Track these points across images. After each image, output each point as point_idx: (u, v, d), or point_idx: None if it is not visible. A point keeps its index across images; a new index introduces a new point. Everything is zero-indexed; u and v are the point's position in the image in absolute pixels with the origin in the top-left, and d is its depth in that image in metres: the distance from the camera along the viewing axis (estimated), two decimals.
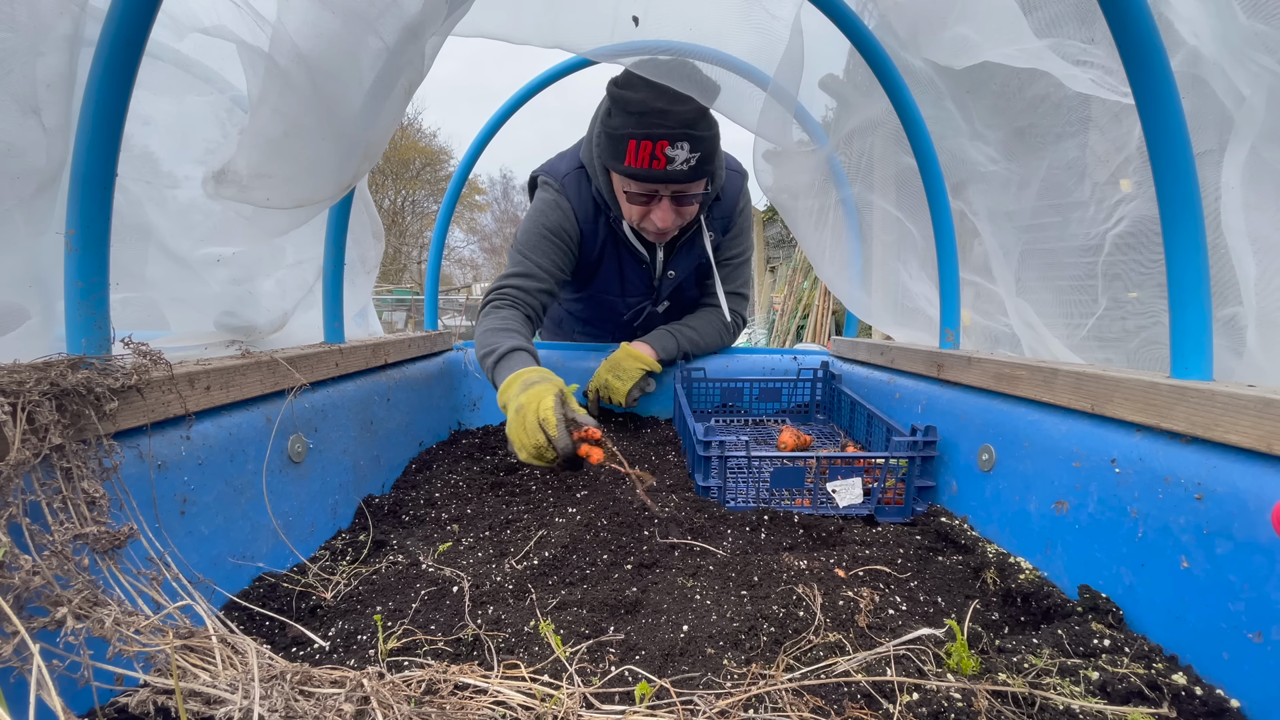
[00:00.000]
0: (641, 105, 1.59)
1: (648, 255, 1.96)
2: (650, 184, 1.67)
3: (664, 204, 1.72)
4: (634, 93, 1.60)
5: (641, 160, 1.62)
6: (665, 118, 1.58)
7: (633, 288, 2.06)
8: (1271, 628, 0.72)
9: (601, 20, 1.55)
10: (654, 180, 1.66)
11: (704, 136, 1.63)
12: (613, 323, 2.23)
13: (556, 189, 1.90)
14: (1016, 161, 1.59)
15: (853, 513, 1.33)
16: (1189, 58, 1.13)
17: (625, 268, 2.01)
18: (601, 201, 1.86)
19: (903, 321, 1.97)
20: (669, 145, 1.59)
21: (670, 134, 1.58)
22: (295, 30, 0.89)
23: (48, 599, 0.61)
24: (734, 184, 2.00)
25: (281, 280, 1.35)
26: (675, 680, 0.74)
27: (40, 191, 0.86)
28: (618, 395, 1.85)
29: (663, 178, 1.64)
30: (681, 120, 1.58)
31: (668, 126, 1.58)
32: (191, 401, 0.93)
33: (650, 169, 1.63)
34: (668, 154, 1.60)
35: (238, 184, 0.94)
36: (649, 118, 1.58)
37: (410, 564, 1.05)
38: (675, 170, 1.63)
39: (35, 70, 0.82)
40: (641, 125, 1.59)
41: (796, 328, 9.31)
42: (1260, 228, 1.07)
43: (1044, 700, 0.68)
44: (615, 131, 1.64)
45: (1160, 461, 0.89)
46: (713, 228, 1.97)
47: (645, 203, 1.74)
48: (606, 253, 1.97)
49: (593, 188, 1.87)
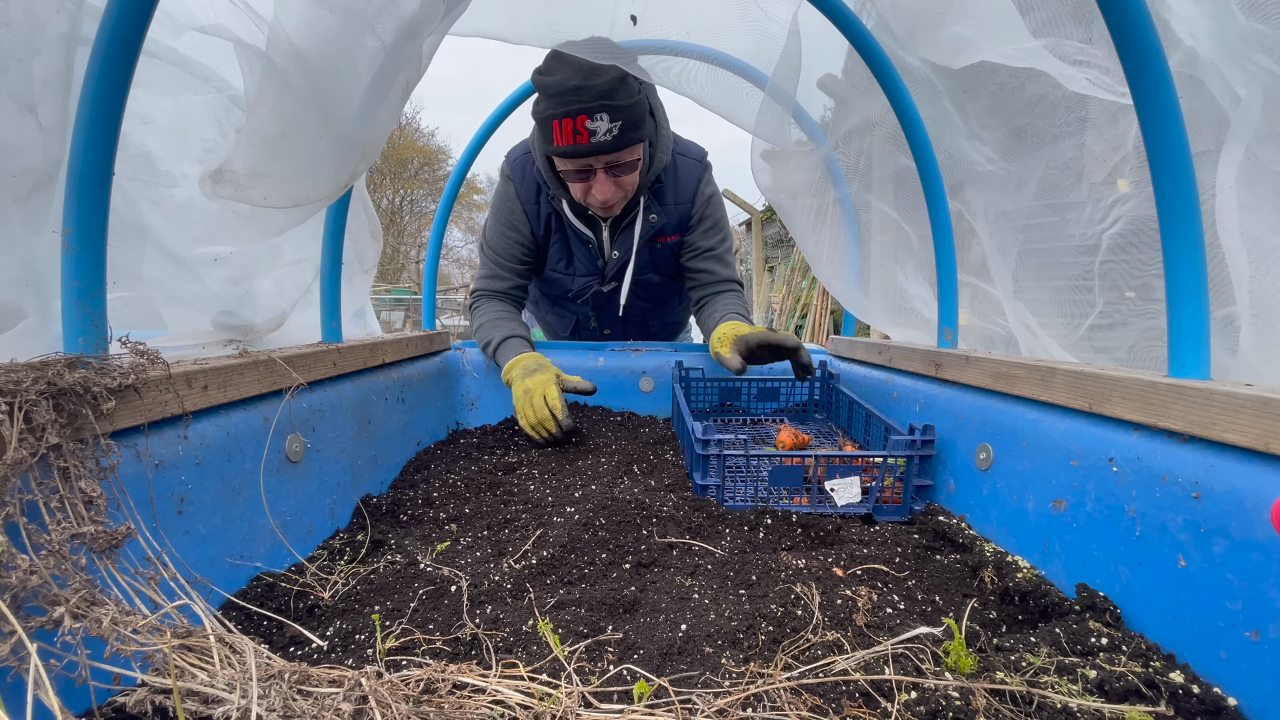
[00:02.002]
0: (559, 85, 1.63)
1: (591, 235, 2.03)
2: (579, 159, 1.73)
3: (600, 176, 1.78)
4: (551, 76, 1.65)
5: (565, 137, 1.67)
6: (580, 93, 1.62)
7: (581, 267, 2.13)
8: (1269, 626, 0.72)
9: (599, 20, 1.55)
10: (580, 155, 1.71)
11: (623, 105, 1.66)
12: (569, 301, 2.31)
13: (506, 173, 2.04)
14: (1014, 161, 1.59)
15: (851, 512, 1.34)
16: (1185, 58, 1.13)
17: (572, 247, 2.09)
18: (542, 182, 1.96)
19: (900, 321, 1.97)
20: (588, 119, 1.64)
21: (587, 107, 1.63)
22: (292, 29, 0.89)
23: (45, 598, 0.61)
24: (690, 170, 2.04)
25: (279, 280, 1.35)
26: (674, 679, 0.74)
27: (36, 190, 0.85)
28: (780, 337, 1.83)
29: (588, 151, 1.69)
30: (597, 93, 1.62)
31: (584, 100, 1.62)
32: (189, 401, 0.93)
33: (575, 144, 1.68)
34: (589, 127, 1.65)
35: (235, 183, 0.94)
36: (565, 95, 1.63)
37: (408, 563, 1.05)
38: (600, 142, 1.67)
39: (32, 68, 0.81)
40: (559, 104, 1.64)
41: (795, 327, 9.31)
42: (1254, 228, 1.07)
43: (1042, 699, 0.68)
44: (540, 115, 1.70)
45: (1158, 460, 0.89)
46: (658, 211, 2.02)
47: (585, 179, 1.80)
48: (553, 233, 2.07)
49: (534, 169, 1.97)
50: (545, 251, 2.13)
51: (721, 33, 1.67)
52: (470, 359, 2.14)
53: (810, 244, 2.13)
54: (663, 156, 1.93)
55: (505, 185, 2.04)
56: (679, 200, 2.03)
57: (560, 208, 1.98)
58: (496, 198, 2.08)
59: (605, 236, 2.04)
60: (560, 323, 2.54)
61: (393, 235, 27.58)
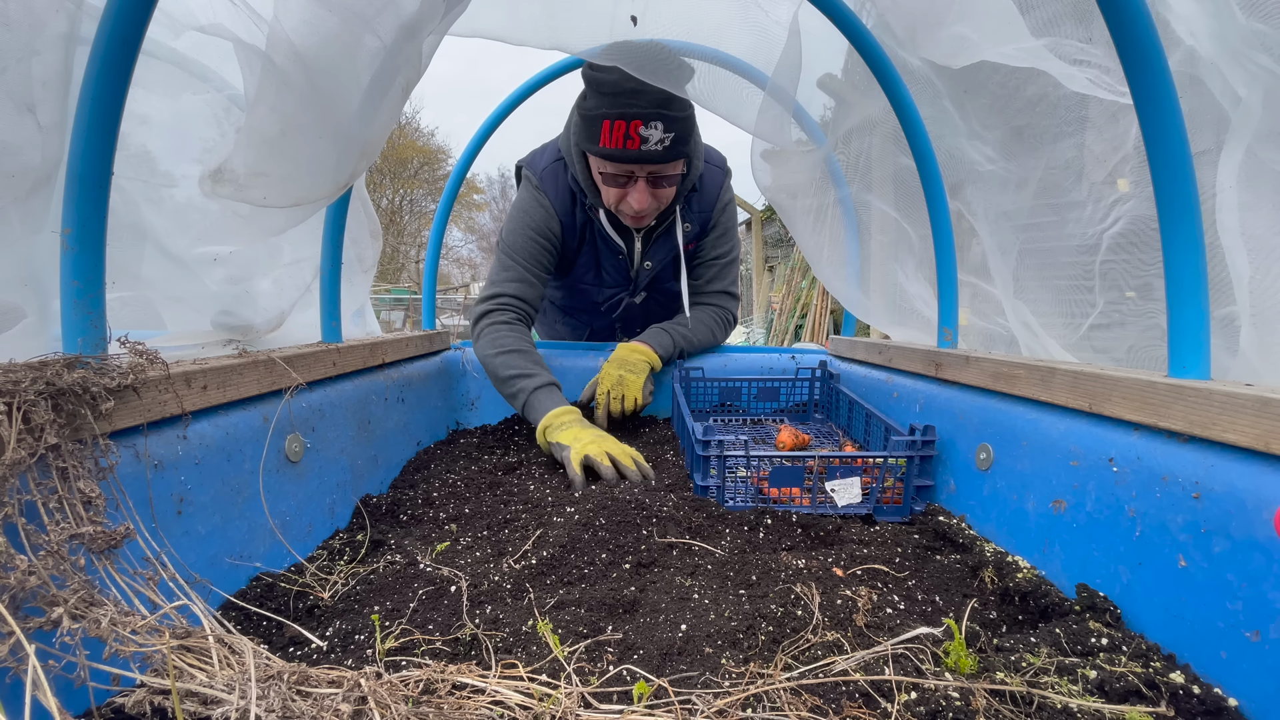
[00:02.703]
0: (615, 86, 1.58)
1: (624, 246, 1.97)
2: (625, 164, 1.68)
3: (640, 185, 1.72)
4: (607, 74, 1.59)
5: (615, 140, 1.62)
6: (638, 97, 1.58)
7: (610, 278, 2.07)
8: (1269, 626, 0.72)
9: (599, 20, 1.55)
10: (628, 160, 1.66)
11: (678, 117, 1.63)
12: (590, 312, 2.25)
13: (535, 184, 1.91)
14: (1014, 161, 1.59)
15: (851, 512, 1.33)
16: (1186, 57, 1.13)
17: (602, 258, 2.02)
18: (578, 189, 1.87)
19: (900, 321, 1.97)
20: (643, 125, 1.60)
21: (644, 113, 1.58)
22: (292, 29, 0.89)
23: (44, 599, 0.61)
24: (714, 178, 2.01)
25: (279, 279, 1.35)
26: (673, 680, 0.74)
27: (35, 190, 0.85)
28: (633, 389, 1.84)
29: (637, 158, 1.64)
30: (655, 100, 1.59)
31: (641, 106, 1.58)
32: (188, 401, 0.93)
33: (625, 149, 1.63)
34: (641, 133, 1.60)
35: (234, 183, 0.94)
36: (622, 98, 1.58)
37: (408, 564, 1.05)
38: (650, 150, 1.63)
39: (31, 68, 0.81)
40: (615, 105, 1.59)
41: (795, 327, 9.32)
42: (1255, 227, 1.07)
43: (1042, 699, 0.68)
44: (590, 113, 1.64)
45: (1158, 460, 0.89)
46: (689, 219, 1.98)
47: (622, 185, 1.74)
48: (585, 243, 1.99)
49: (569, 176, 1.87)
50: (573, 263, 2.05)
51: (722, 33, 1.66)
52: (470, 359, 2.14)
53: (810, 244, 2.14)
54: (699, 167, 1.91)
55: (535, 194, 1.92)
56: (702, 208, 2.00)
57: (597, 217, 1.91)
58: (524, 203, 1.94)
59: (638, 247, 1.99)
60: (573, 333, 2.50)
61: (392, 235, 27.58)
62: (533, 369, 1.73)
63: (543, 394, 1.68)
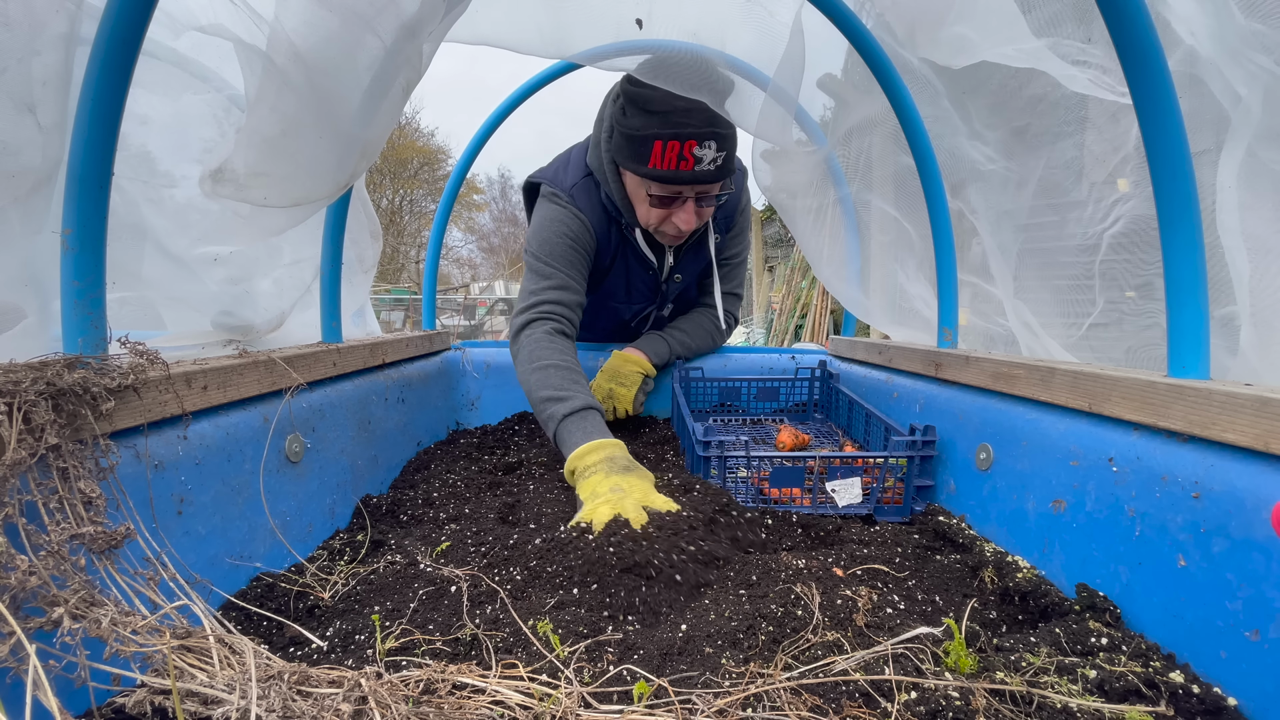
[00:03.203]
0: (665, 103, 1.51)
1: (655, 261, 1.91)
2: (676, 186, 1.60)
3: (688, 206, 1.65)
4: (653, 90, 1.50)
5: (669, 161, 1.54)
6: (691, 116, 1.51)
7: (638, 294, 2.01)
8: (1269, 626, 0.72)
9: (604, 23, 1.54)
10: (681, 182, 1.58)
11: (729, 134, 1.57)
12: (612, 325, 2.19)
13: (566, 201, 1.79)
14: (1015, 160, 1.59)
15: (851, 512, 1.33)
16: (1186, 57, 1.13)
17: (632, 274, 1.94)
18: (612, 208, 1.78)
19: (900, 321, 1.97)
20: (697, 145, 1.53)
21: (698, 133, 1.52)
22: (293, 29, 0.89)
23: (44, 599, 0.61)
24: (737, 181, 1.96)
25: (279, 280, 1.35)
26: (673, 680, 0.74)
27: (35, 190, 0.85)
28: (624, 403, 1.82)
29: (690, 179, 1.57)
30: (707, 118, 1.52)
31: (695, 125, 1.51)
32: (188, 401, 0.93)
33: (678, 170, 1.55)
34: (696, 154, 1.53)
35: (235, 183, 0.94)
36: (674, 116, 1.51)
37: (408, 564, 1.05)
38: (703, 170, 1.56)
39: (31, 68, 0.81)
40: (668, 125, 1.52)
41: (795, 327, 9.31)
42: (1255, 227, 1.07)
43: (1042, 699, 0.68)
44: (637, 132, 1.55)
45: (1157, 460, 0.89)
46: (717, 228, 1.94)
47: (667, 205, 1.66)
48: (616, 260, 1.90)
49: (602, 194, 1.78)
50: (602, 281, 1.95)
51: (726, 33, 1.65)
52: (470, 359, 2.14)
53: (811, 244, 2.13)
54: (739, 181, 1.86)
55: (568, 208, 1.78)
56: (725, 213, 1.96)
57: (632, 235, 1.83)
58: (555, 215, 1.79)
59: (669, 261, 1.94)
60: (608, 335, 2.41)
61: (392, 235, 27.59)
62: (566, 389, 1.51)
63: (571, 424, 1.44)
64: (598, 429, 1.41)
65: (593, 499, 1.19)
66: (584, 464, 1.31)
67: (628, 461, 1.30)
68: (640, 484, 1.21)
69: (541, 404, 1.51)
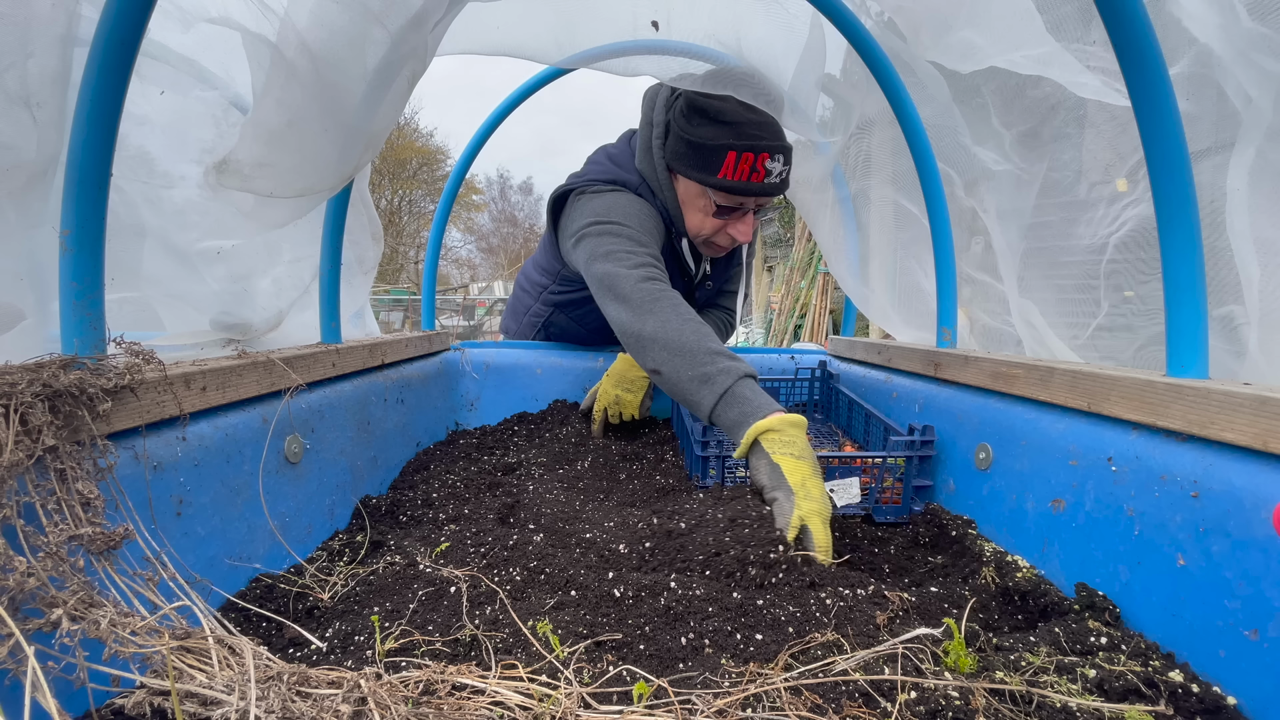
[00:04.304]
0: (737, 115, 1.53)
1: (694, 267, 1.90)
2: (744, 197, 1.61)
3: (747, 217, 1.67)
4: (724, 101, 1.54)
5: (741, 173, 1.55)
6: (764, 129, 1.54)
7: None
8: (1268, 625, 0.72)
9: (619, 27, 1.53)
10: (750, 194, 1.59)
11: (789, 147, 1.60)
12: None
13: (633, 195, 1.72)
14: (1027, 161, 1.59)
15: (850, 512, 1.34)
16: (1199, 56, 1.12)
17: (674, 281, 1.85)
18: (666, 216, 1.76)
19: (914, 324, 1.95)
20: (769, 158, 1.55)
21: (771, 146, 1.54)
22: (301, 21, 0.89)
23: (43, 600, 0.61)
24: None
25: (278, 279, 1.35)
26: (673, 680, 0.74)
27: (30, 185, 0.85)
28: (630, 409, 1.81)
29: (760, 190, 1.59)
30: (777, 132, 1.56)
31: (768, 138, 1.54)
32: (187, 402, 0.93)
33: (749, 182, 1.56)
34: (767, 166, 1.55)
35: (239, 174, 0.94)
36: (747, 129, 1.53)
37: (408, 564, 1.05)
38: (771, 183, 1.58)
39: (28, 64, 0.81)
40: (742, 136, 1.53)
41: (794, 327, 9.32)
42: (1265, 230, 1.07)
43: (1041, 698, 0.68)
44: (709, 142, 1.55)
45: (1156, 459, 0.89)
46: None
47: (726, 215, 1.66)
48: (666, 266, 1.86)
49: (657, 201, 1.74)
50: None
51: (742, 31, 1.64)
52: (469, 359, 2.14)
53: (828, 240, 2.13)
54: None
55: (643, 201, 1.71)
56: None
57: (680, 244, 1.81)
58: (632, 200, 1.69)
59: (706, 268, 1.95)
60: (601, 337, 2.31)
61: (391, 236, 27.58)
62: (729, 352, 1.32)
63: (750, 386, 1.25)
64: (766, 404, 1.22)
65: (805, 496, 1.06)
66: (790, 437, 1.14)
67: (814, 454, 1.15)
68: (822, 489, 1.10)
69: (708, 356, 1.29)
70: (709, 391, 1.26)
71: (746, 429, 1.16)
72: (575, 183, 1.80)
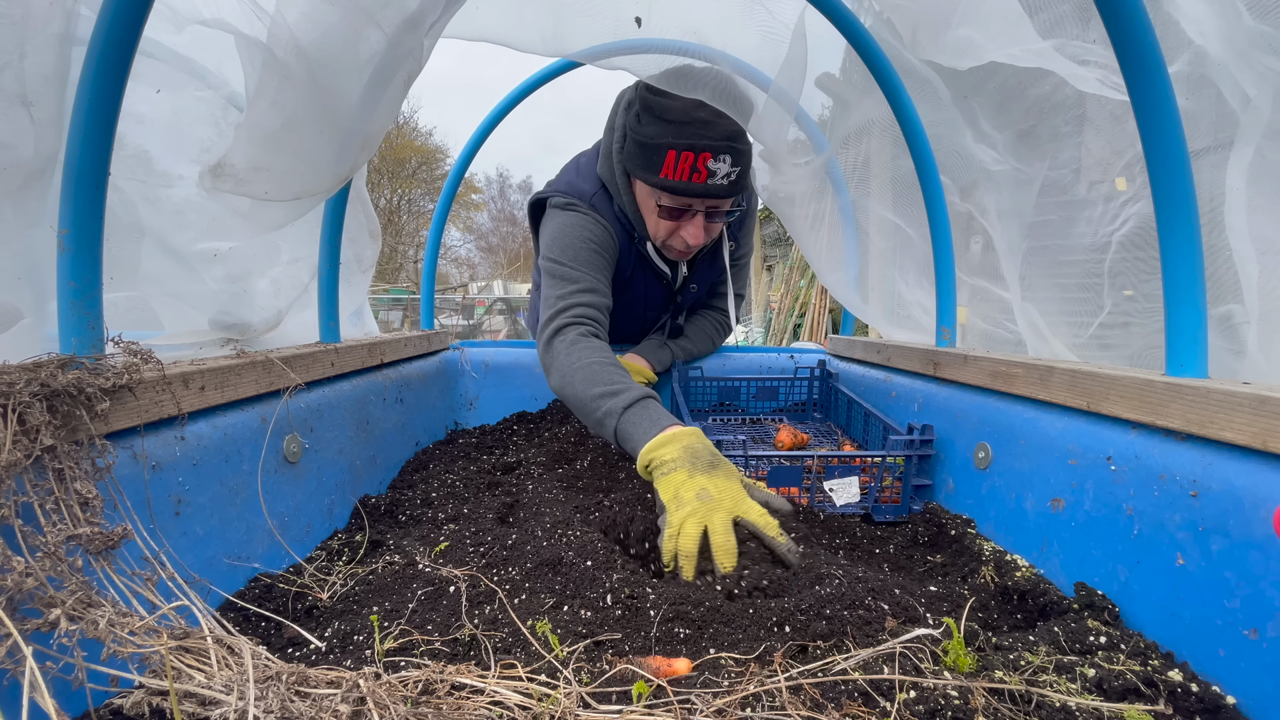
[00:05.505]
0: (683, 114, 1.48)
1: (669, 271, 1.87)
2: (686, 198, 1.56)
3: (697, 220, 1.61)
4: (673, 100, 1.48)
5: (681, 173, 1.50)
6: (709, 129, 1.48)
7: (655, 305, 1.98)
8: (1267, 624, 0.72)
9: (603, 21, 1.53)
10: (692, 194, 1.54)
11: (745, 150, 1.54)
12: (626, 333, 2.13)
13: (586, 209, 1.71)
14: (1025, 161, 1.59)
15: (849, 511, 1.34)
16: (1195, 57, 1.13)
17: (649, 287, 1.90)
18: (625, 221, 1.73)
19: (900, 326, 1.96)
20: (711, 158, 1.49)
21: (714, 146, 1.48)
22: (294, 23, 0.89)
23: (41, 600, 0.61)
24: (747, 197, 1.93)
25: (277, 279, 1.35)
26: (673, 679, 0.74)
27: (28, 184, 0.85)
28: None
29: (702, 192, 1.53)
30: (726, 132, 1.48)
31: (711, 138, 1.48)
32: (186, 402, 0.92)
33: (690, 182, 1.51)
34: (710, 167, 1.50)
35: (235, 177, 0.94)
36: (691, 127, 1.48)
37: (407, 564, 1.05)
38: (715, 185, 1.52)
39: (25, 63, 0.81)
40: (683, 135, 1.48)
41: (793, 326, 9.32)
42: (1264, 229, 1.07)
43: (1040, 697, 0.68)
44: (651, 140, 1.52)
45: (1156, 459, 0.89)
46: (731, 236, 1.90)
47: (676, 218, 1.62)
48: (634, 273, 1.85)
49: (615, 206, 1.72)
50: (621, 294, 1.87)
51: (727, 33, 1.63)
52: (468, 358, 2.14)
53: (810, 248, 2.12)
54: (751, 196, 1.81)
55: (588, 217, 1.70)
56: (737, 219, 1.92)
57: (646, 248, 1.78)
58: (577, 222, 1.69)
59: (683, 271, 1.90)
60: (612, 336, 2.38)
61: (390, 235, 27.54)
62: (618, 381, 1.35)
63: (635, 415, 1.25)
64: (665, 416, 1.24)
65: (677, 506, 1.04)
66: (661, 457, 1.13)
67: (711, 455, 1.12)
68: (729, 487, 1.06)
69: (594, 402, 1.33)
70: (607, 434, 1.31)
71: (638, 464, 1.18)
72: (543, 193, 1.82)
